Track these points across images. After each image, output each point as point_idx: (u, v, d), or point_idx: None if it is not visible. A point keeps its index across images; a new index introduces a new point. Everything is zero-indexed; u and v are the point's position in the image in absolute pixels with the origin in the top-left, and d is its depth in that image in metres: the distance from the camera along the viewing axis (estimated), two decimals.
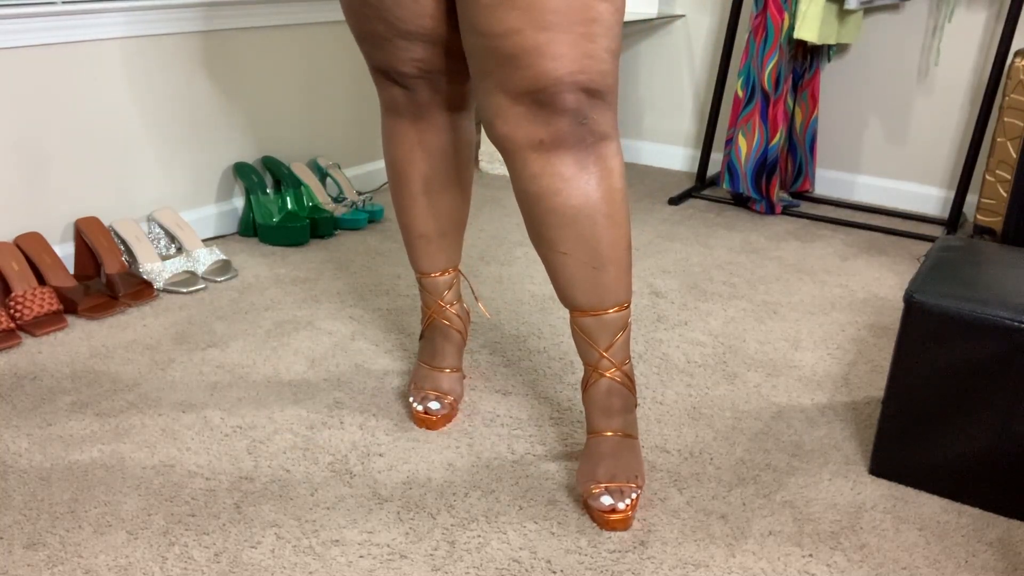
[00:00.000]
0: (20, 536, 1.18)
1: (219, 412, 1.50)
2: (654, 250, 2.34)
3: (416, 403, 1.48)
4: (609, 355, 1.24)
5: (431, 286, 1.50)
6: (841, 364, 1.77)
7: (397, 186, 1.43)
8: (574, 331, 1.26)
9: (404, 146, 1.39)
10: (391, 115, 1.38)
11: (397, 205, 1.46)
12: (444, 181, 1.42)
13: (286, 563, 1.16)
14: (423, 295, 1.53)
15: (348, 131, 2.61)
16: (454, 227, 1.48)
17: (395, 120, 1.38)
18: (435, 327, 1.53)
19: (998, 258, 1.43)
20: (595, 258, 1.18)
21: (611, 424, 1.27)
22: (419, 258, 1.48)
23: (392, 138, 1.39)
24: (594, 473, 1.26)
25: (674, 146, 3.19)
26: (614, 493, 1.23)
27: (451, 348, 1.53)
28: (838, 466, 1.43)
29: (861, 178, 2.88)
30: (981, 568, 1.21)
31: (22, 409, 1.48)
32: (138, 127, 2.06)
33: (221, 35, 2.17)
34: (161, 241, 2.11)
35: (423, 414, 1.46)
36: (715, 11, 3.00)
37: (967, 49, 2.62)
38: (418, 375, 1.53)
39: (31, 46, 1.82)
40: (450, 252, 1.49)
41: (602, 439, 1.27)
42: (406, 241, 1.48)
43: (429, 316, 1.53)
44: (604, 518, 1.22)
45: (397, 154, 1.40)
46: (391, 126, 1.39)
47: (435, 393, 1.49)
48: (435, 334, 1.53)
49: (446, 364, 1.52)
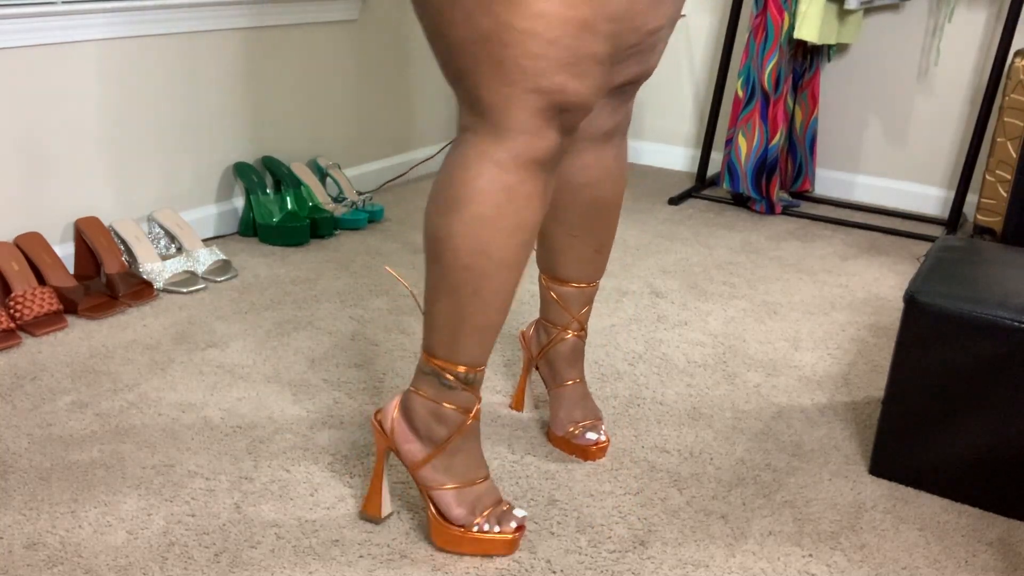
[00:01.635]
0: (20, 536, 1.18)
1: (219, 412, 1.50)
2: (654, 250, 2.34)
3: (496, 526, 1.17)
4: (579, 319, 1.39)
5: (479, 380, 1.16)
6: (841, 364, 1.77)
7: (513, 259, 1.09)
8: (549, 296, 1.37)
9: (542, 210, 1.09)
10: (533, 171, 1.05)
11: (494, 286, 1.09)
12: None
13: (286, 563, 1.16)
14: (457, 396, 1.14)
15: (348, 131, 2.61)
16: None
17: (536, 177, 1.06)
18: (470, 432, 1.18)
19: (998, 258, 1.43)
20: (602, 244, 1.32)
21: (575, 373, 1.42)
22: (487, 343, 1.14)
23: (531, 199, 1.06)
24: (572, 416, 1.41)
25: (674, 146, 3.19)
26: (594, 429, 1.41)
27: (481, 448, 1.22)
28: (838, 466, 1.43)
29: (861, 178, 2.88)
30: (981, 568, 1.21)
31: (22, 409, 1.48)
32: (138, 127, 2.06)
33: (221, 35, 2.17)
34: (161, 241, 2.11)
35: (516, 532, 1.18)
36: (715, 11, 3.00)
37: (967, 49, 2.62)
38: (474, 498, 1.18)
39: (31, 46, 1.82)
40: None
41: (570, 387, 1.42)
42: (475, 328, 1.11)
43: (467, 420, 1.16)
44: (591, 451, 1.40)
45: (534, 219, 1.08)
46: (532, 186, 1.06)
47: (504, 505, 1.20)
48: (471, 440, 1.18)
49: (487, 469, 1.21)
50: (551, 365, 1.42)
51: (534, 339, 1.45)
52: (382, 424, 1.20)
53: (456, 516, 1.17)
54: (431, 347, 1.14)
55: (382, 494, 1.22)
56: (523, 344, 1.47)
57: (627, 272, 2.18)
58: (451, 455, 1.16)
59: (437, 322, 1.12)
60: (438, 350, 1.14)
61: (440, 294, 1.11)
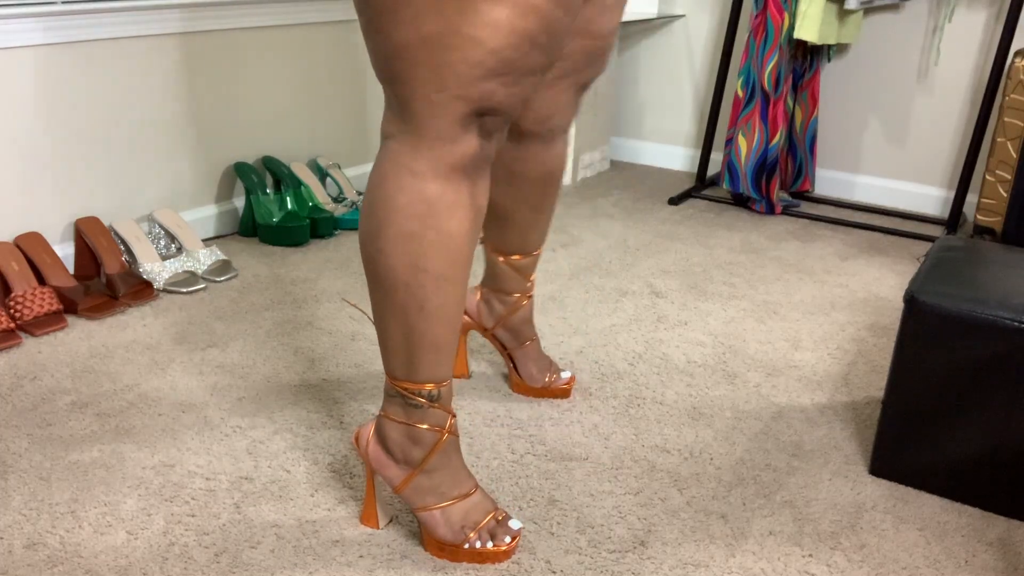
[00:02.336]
0: (20, 536, 1.18)
1: (219, 412, 1.50)
2: (654, 250, 2.34)
3: (490, 541, 1.17)
4: (532, 280, 1.54)
5: (447, 395, 1.15)
6: (841, 364, 1.77)
7: (449, 272, 1.08)
8: (506, 272, 1.50)
9: (467, 218, 1.07)
10: (452, 179, 1.04)
11: (436, 300, 1.08)
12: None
13: (286, 563, 1.16)
14: (428, 415, 1.14)
15: (348, 131, 2.61)
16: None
17: (456, 185, 1.04)
18: (448, 447, 1.16)
19: (998, 258, 1.43)
20: (552, 212, 1.49)
21: (532, 331, 1.58)
22: (445, 360, 1.13)
23: (453, 209, 1.05)
24: (542, 366, 1.59)
25: (674, 146, 3.19)
26: (561, 371, 1.61)
27: (462, 459, 1.21)
28: (838, 466, 1.43)
29: (861, 178, 2.88)
30: (981, 568, 1.21)
31: (22, 409, 1.48)
32: (138, 127, 2.06)
33: (221, 35, 2.17)
34: (161, 241, 2.11)
35: (510, 544, 1.18)
36: (715, 11, 3.00)
37: (967, 49, 2.62)
38: (462, 515, 1.17)
39: (31, 46, 1.82)
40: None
41: (532, 344, 1.58)
42: (429, 346, 1.10)
43: (442, 436, 1.14)
44: (568, 389, 1.59)
45: (460, 229, 1.06)
46: (453, 195, 1.04)
47: (499, 514, 1.20)
48: (450, 455, 1.17)
49: (473, 481, 1.20)
50: (513, 330, 1.56)
51: (485, 311, 1.56)
52: (359, 447, 1.20)
53: (444, 535, 1.16)
54: (391, 369, 1.13)
55: (376, 508, 1.23)
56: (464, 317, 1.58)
57: (627, 272, 2.18)
58: (431, 475, 1.15)
59: (391, 344, 1.11)
60: (398, 371, 1.13)
61: (388, 316, 1.10)
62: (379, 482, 1.22)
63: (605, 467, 1.39)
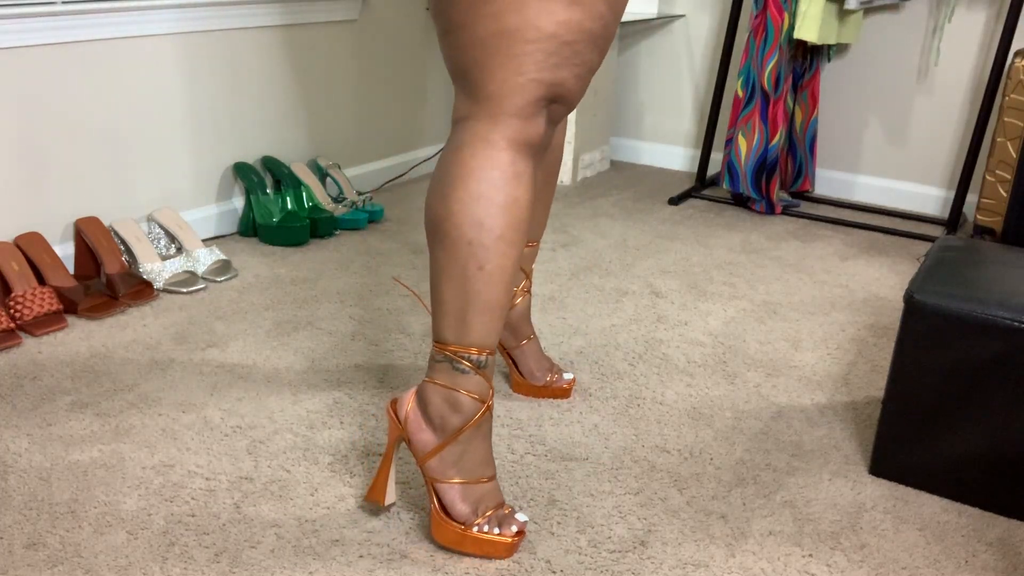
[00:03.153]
0: (20, 536, 1.18)
1: (219, 412, 1.50)
2: (654, 250, 2.34)
3: (497, 528, 1.19)
4: (529, 274, 1.54)
5: (491, 365, 1.20)
6: (841, 364, 1.77)
7: (511, 235, 1.16)
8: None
9: (530, 189, 1.17)
10: (522, 152, 1.15)
11: (496, 261, 1.15)
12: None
13: (286, 563, 1.16)
14: (472, 382, 1.18)
15: (348, 131, 2.61)
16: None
17: (524, 158, 1.15)
18: (482, 424, 1.20)
19: (998, 258, 1.43)
20: (550, 205, 1.53)
21: (530, 328, 1.59)
22: (496, 325, 1.19)
23: (521, 178, 1.15)
24: (543, 365, 1.60)
25: (674, 146, 3.19)
26: (562, 371, 1.62)
27: (491, 445, 1.24)
28: (838, 466, 1.43)
29: (861, 178, 2.88)
30: (981, 568, 1.21)
31: (22, 409, 1.48)
32: (138, 127, 2.06)
33: (221, 35, 2.17)
34: (161, 241, 2.11)
35: (516, 536, 1.19)
36: (715, 11, 3.00)
37: (967, 49, 2.62)
38: (478, 497, 1.20)
39: (31, 46, 1.82)
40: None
41: (531, 341, 1.59)
42: (484, 306, 1.16)
43: (483, 409, 1.18)
44: (568, 389, 1.59)
45: (525, 196, 1.16)
46: (522, 166, 1.15)
47: (506, 508, 1.22)
48: (483, 433, 1.20)
49: (494, 469, 1.24)
50: (512, 326, 1.57)
51: None
52: (396, 413, 1.22)
53: (459, 512, 1.18)
54: (442, 334, 1.19)
55: (388, 482, 1.23)
56: None
57: (627, 272, 2.18)
58: (461, 448, 1.18)
59: (445, 307, 1.17)
60: (448, 335, 1.18)
61: (446, 276, 1.17)
62: (396, 460, 1.22)
63: (605, 467, 1.39)
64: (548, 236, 2.41)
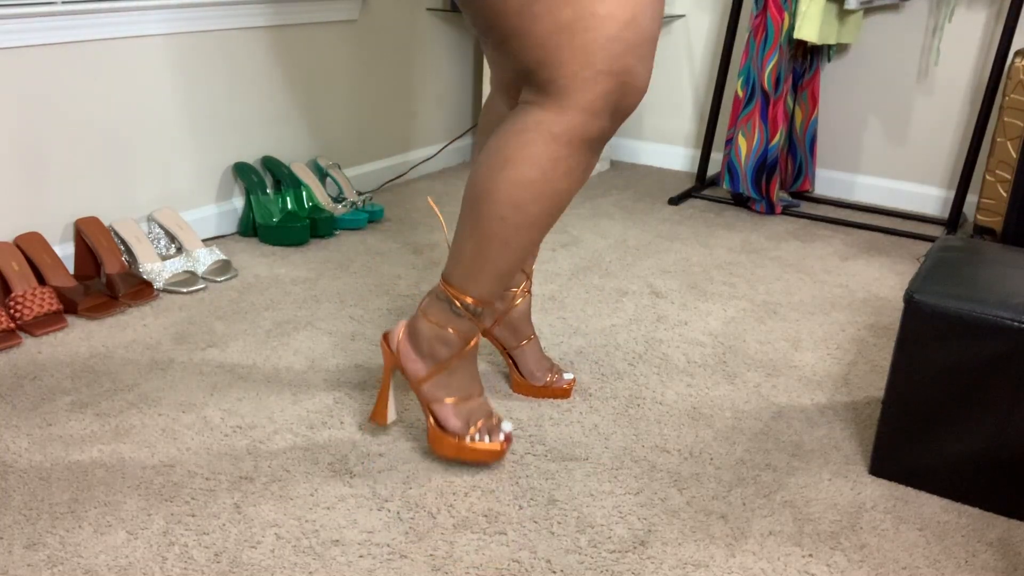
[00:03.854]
0: (20, 536, 1.18)
1: (219, 412, 1.50)
2: (654, 250, 2.34)
3: (487, 436, 1.33)
4: (530, 274, 1.54)
5: (488, 316, 1.37)
6: (841, 364, 1.77)
7: (544, 221, 1.23)
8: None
9: (578, 184, 1.23)
10: (581, 149, 1.18)
11: (522, 239, 1.23)
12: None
13: (286, 563, 1.16)
14: (462, 324, 1.31)
15: (348, 131, 2.61)
16: None
17: (581, 155, 1.19)
18: (468, 356, 1.35)
19: (998, 258, 1.43)
20: None
21: (531, 328, 1.57)
22: (502, 287, 1.30)
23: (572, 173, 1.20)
24: (542, 365, 1.58)
25: (674, 146, 3.19)
26: (562, 371, 1.60)
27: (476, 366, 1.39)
28: (838, 466, 1.43)
29: (861, 178, 2.88)
30: (981, 568, 1.21)
31: (22, 409, 1.48)
32: (138, 127, 2.06)
33: (221, 35, 2.17)
34: (161, 241, 2.11)
35: (503, 444, 1.34)
36: (715, 11, 3.00)
37: (967, 49, 2.62)
38: (468, 411, 1.35)
39: (31, 46, 1.82)
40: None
41: (532, 342, 1.58)
42: (496, 272, 1.26)
43: (467, 345, 1.32)
44: (568, 390, 1.58)
45: (570, 190, 1.22)
46: (575, 162, 1.19)
47: (494, 418, 1.37)
48: (469, 362, 1.35)
49: (482, 388, 1.39)
50: (512, 326, 1.56)
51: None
52: (389, 344, 1.36)
53: (453, 426, 1.33)
54: (450, 276, 1.29)
55: (388, 405, 1.39)
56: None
57: (627, 272, 2.18)
58: (450, 373, 1.33)
59: (462, 258, 1.27)
60: (456, 280, 1.28)
61: (471, 237, 1.25)
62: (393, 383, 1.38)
63: (605, 467, 1.39)
64: (548, 236, 2.41)
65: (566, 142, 1.15)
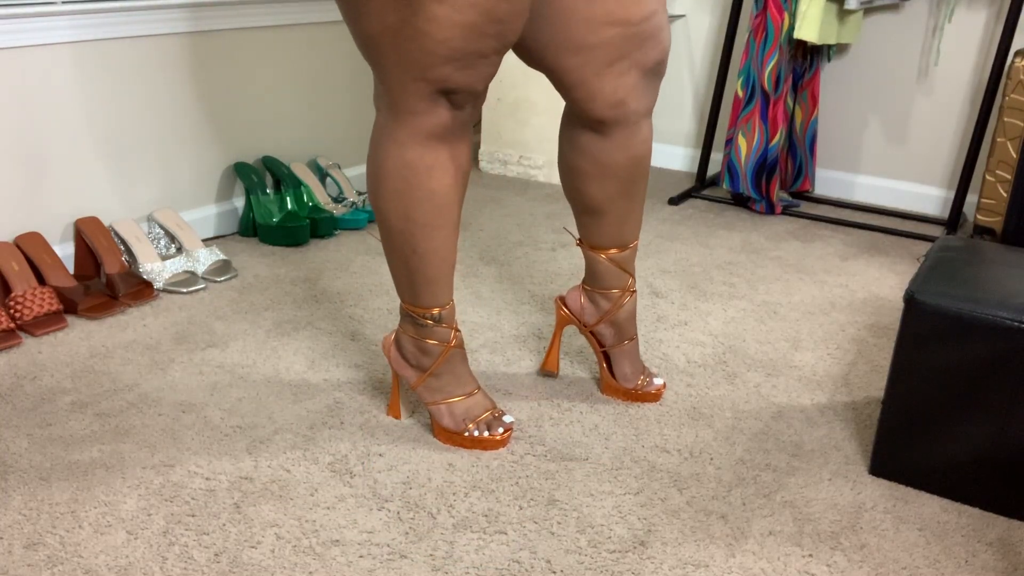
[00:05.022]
0: (20, 536, 1.18)
1: (219, 412, 1.50)
2: (654, 250, 2.34)
3: (486, 431, 1.41)
4: (633, 274, 1.52)
5: (448, 315, 1.38)
6: (841, 364, 1.77)
7: (435, 222, 1.29)
8: (607, 268, 1.49)
9: (447, 176, 1.27)
10: (429, 145, 1.24)
11: (426, 245, 1.30)
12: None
13: (286, 563, 1.16)
14: (434, 332, 1.38)
15: (348, 131, 2.61)
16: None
17: (434, 149, 1.24)
18: (452, 357, 1.40)
19: (998, 258, 1.43)
20: (643, 200, 1.48)
21: (634, 329, 1.56)
22: (442, 290, 1.36)
23: (432, 170, 1.25)
24: (636, 367, 1.58)
25: (674, 146, 3.19)
26: (655, 375, 1.61)
27: (468, 367, 1.45)
28: (838, 466, 1.43)
29: (861, 178, 2.88)
30: (981, 568, 1.21)
31: (22, 409, 1.48)
32: (138, 127, 2.06)
33: (221, 35, 2.17)
34: (161, 241, 2.11)
35: (504, 434, 1.41)
36: (715, 11, 3.00)
37: (967, 49, 2.62)
38: (464, 410, 1.42)
39: (31, 46, 1.82)
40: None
41: (631, 343, 1.56)
42: (425, 280, 1.33)
43: (446, 349, 1.39)
44: (659, 394, 1.58)
45: (440, 186, 1.27)
46: (431, 158, 1.24)
47: (496, 412, 1.44)
48: (455, 363, 1.41)
49: (475, 383, 1.45)
50: (617, 326, 1.54)
51: (589, 308, 1.55)
52: (387, 354, 1.45)
53: (448, 425, 1.41)
54: (401, 295, 1.38)
55: (400, 403, 1.49)
56: (564, 312, 1.57)
57: None
58: (438, 377, 1.41)
59: (396, 277, 1.37)
60: (404, 296, 1.38)
61: (390, 256, 1.34)
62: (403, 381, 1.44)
63: (605, 467, 1.39)
64: (548, 236, 2.41)
65: (412, 145, 1.22)
